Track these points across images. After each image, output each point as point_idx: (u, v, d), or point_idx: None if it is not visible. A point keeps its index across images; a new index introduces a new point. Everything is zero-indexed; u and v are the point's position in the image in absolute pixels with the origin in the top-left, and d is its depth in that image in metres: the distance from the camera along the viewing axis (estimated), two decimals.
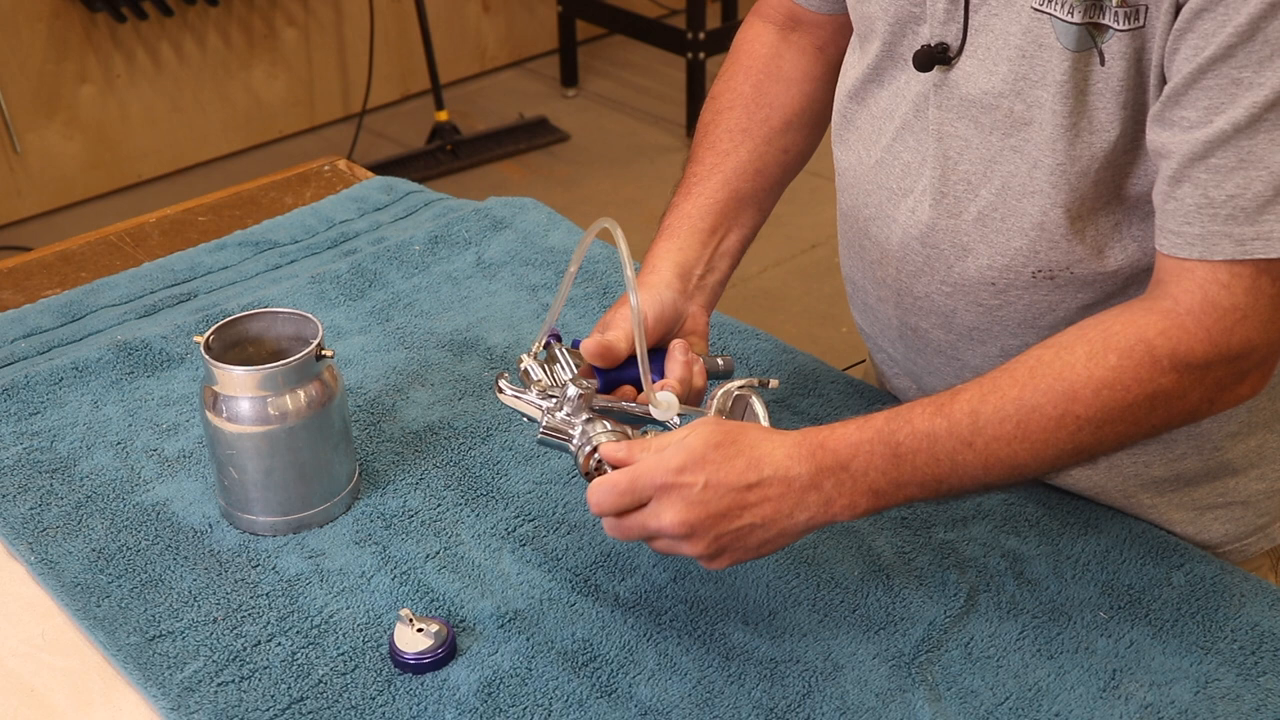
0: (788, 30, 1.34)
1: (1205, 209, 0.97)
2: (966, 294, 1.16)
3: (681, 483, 1.00)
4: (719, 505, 1.00)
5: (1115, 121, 1.04)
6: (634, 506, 1.02)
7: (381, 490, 1.24)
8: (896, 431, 1.01)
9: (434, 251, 1.59)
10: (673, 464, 1.00)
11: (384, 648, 1.08)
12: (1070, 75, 1.03)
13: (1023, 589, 1.13)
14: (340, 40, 4.02)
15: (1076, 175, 1.07)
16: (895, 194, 1.19)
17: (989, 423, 1.00)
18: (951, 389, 1.03)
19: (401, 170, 3.51)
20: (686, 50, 3.88)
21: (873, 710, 1.03)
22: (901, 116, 1.17)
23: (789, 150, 1.31)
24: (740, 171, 1.27)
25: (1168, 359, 0.99)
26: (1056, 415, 0.99)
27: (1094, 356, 1.00)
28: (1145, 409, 1.00)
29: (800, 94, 1.32)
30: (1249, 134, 0.95)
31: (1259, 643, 1.08)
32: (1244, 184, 0.96)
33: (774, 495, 1.00)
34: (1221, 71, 0.95)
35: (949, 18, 1.10)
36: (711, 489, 1.00)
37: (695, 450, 1.00)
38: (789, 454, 1.01)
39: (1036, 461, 1.01)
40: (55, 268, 1.61)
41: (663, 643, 1.09)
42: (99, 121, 3.66)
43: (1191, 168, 0.98)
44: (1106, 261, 1.10)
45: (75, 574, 1.15)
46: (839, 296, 3.02)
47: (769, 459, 1.01)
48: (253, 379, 1.13)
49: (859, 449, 1.01)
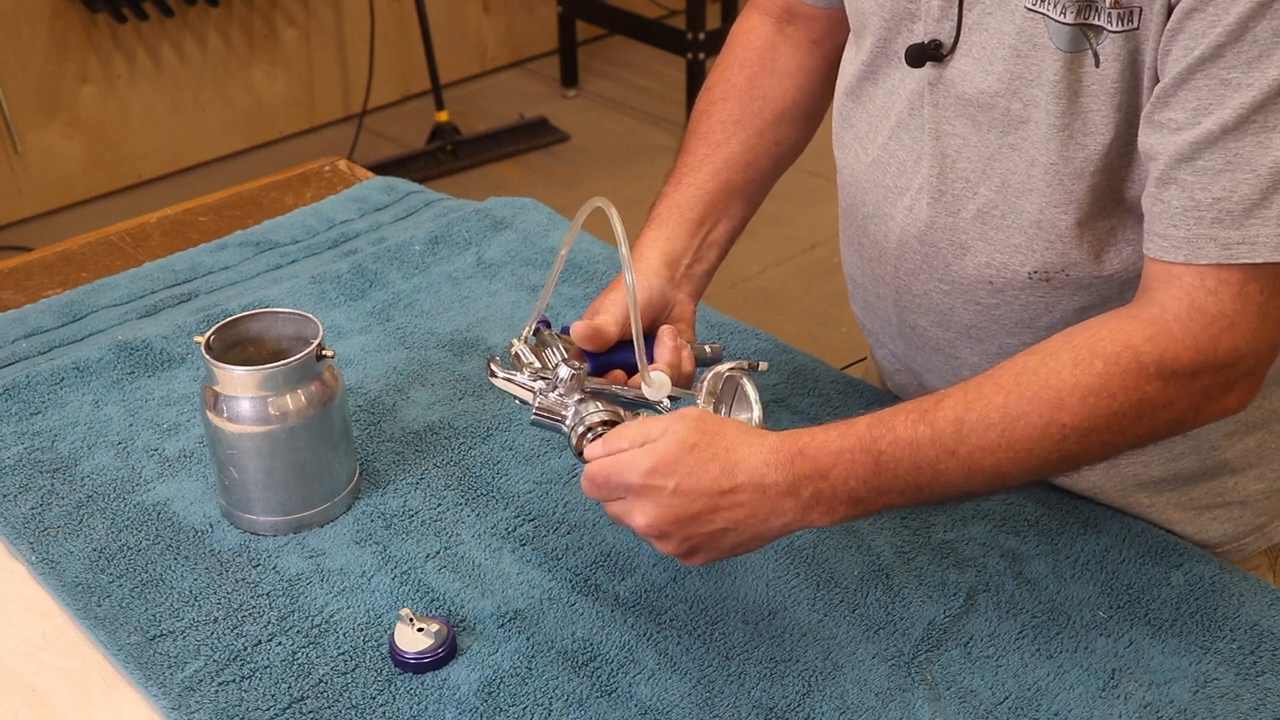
0: (784, 23, 1.34)
1: (1191, 212, 0.96)
2: (964, 292, 1.16)
3: (652, 485, 0.99)
4: (689, 510, 0.99)
5: (1109, 124, 1.03)
6: (610, 499, 1.02)
7: (382, 490, 1.24)
8: (879, 440, 0.99)
9: (434, 251, 1.59)
10: (644, 465, 0.99)
11: (384, 647, 1.08)
12: (1064, 76, 1.03)
13: (1022, 589, 1.13)
14: (340, 40, 4.03)
15: (1071, 176, 1.06)
16: (892, 192, 1.19)
17: (973, 431, 0.99)
18: (936, 394, 1.02)
19: (402, 170, 3.51)
20: (686, 51, 3.88)
21: (872, 710, 1.03)
22: (897, 114, 1.17)
23: (781, 143, 1.31)
24: (731, 163, 1.28)
25: (1154, 366, 0.97)
26: (1042, 424, 0.98)
27: (1080, 364, 0.98)
28: (1131, 417, 0.98)
29: (794, 87, 1.32)
30: (1236, 136, 0.94)
31: (1258, 642, 1.08)
32: (1230, 187, 0.95)
33: (747, 501, 0.99)
34: (1210, 72, 0.94)
35: (943, 15, 1.10)
36: (681, 494, 0.99)
37: (668, 453, 0.99)
38: (765, 460, 1.00)
39: (1021, 470, 1.00)
40: (56, 268, 1.61)
41: (663, 643, 1.09)
42: (100, 122, 3.66)
43: (1178, 170, 0.97)
44: (1103, 265, 1.10)
45: (76, 574, 1.15)
46: (839, 296, 3.02)
47: (744, 464, 1.00)
48: (253, 379, 1.13)
49: (840, 457, 0.99)
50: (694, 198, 1.26)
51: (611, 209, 1.06)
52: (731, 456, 1.00)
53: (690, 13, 3.84)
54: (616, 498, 1.02)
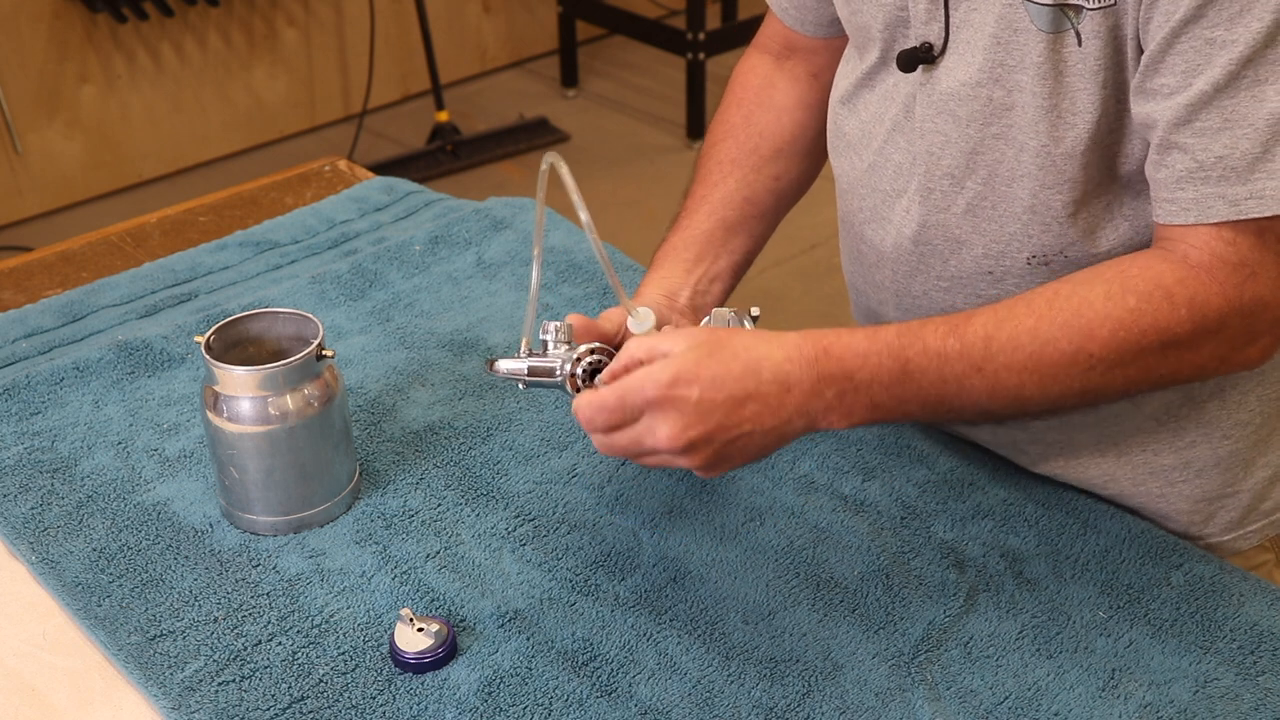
0: (783, 59, 1.35)
1: (1196, 174, 0.97)
2: (964, 286, 1.17)
3: (675, 395, 0.96)
4: (715, 414, 0.97)
5: (1096, 102, 1.04)
6: (624, 423, 0.99)
7: (382, 490, 1.24)
8: (907, 348, 0.99)
9: (434, 252, 1.59)
10: (664, 377, 0.97)
11: (384, 647, 1.08)
12: (1048, 57, 1.04)
13: (1022, 589, 1.13)
14: (341, 40, 4.03)
15: (1062, 157, 1.07)
16: (889, 195, 1.19)
17: (1001, 350, 0.99)
18: (966, 311, 1.02)
19: (402, 170, 3.51)
20: (686, 51, 3.88)
21: (873, 710, 1.03)
22: (892, 118, 1.18)
23: (780, 177, 1.32)
24: (727, 201, 1.29)
25: (1185, 306, 0.98)
26: (1071, 350, 0.98)
27: (1112, 297, 0.99)
28: (1158, 354, 0.99)
29: (792, 121, 1.32)
30: (1229, 93, 0.95)
31: (1258, 642, 1.08)
32: (1231, 144, 0.96)
33: (773, 399, 0.97)
34: (1194, 33, 0.95)
35: (930, 17, 1.10)
36: (707, 400, 0.96)
37: (688, 360, 0.97)
38: (789, 356, 0.98)
39: (1043, 395, 1.00)
40: (56, 268, 1.61)
41: (663, 643, 1.09)
42: (100, 122, 3.66)
43: (1177, 134, 0.98)
44: (1099, 243, 1.10)
45: (76, 573, 1.15)
46: (839, 296, 3.02)
47: (768, 361, 0.98)
48: (253, 379, 1.13)
49: (867, 360, 0.98)
50: (690, 239, 1.27)
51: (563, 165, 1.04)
52: (752, 354, 0.98)
53: (690, 13, 3.83)
54: (630, 421, 0.98)
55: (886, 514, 1.20)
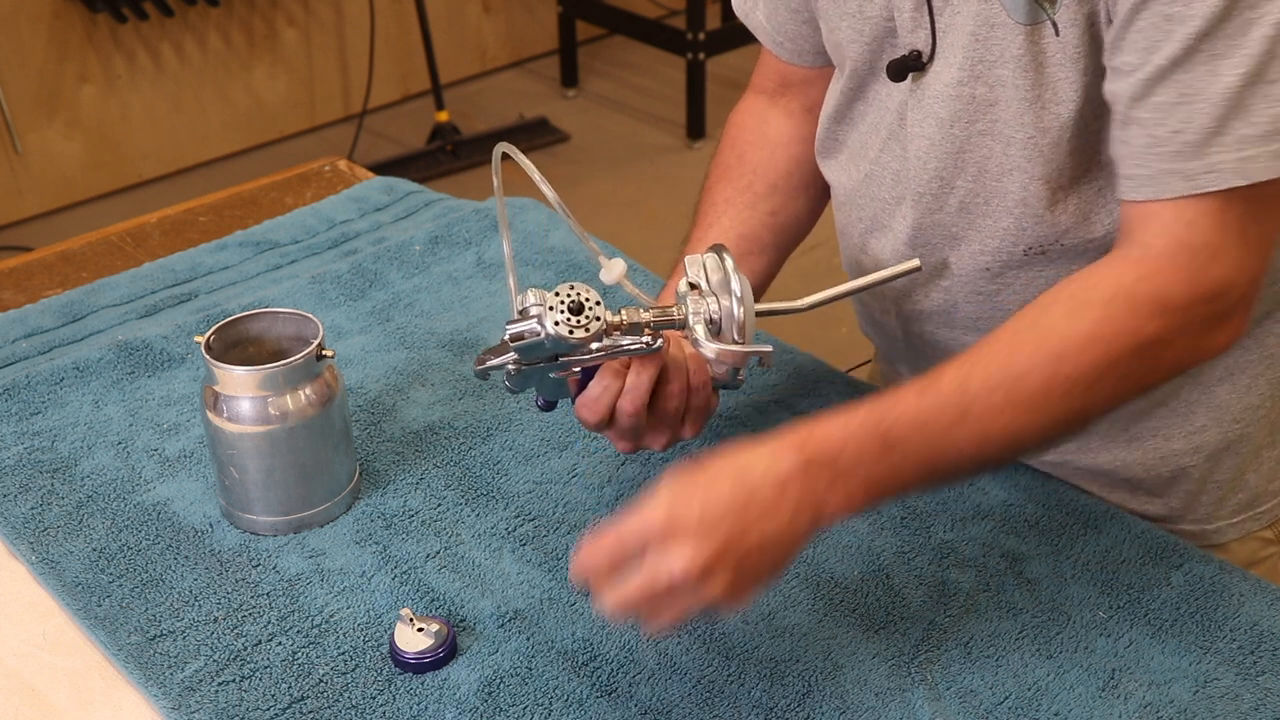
0: (777, 96, 1.34)
1: (1153, 148, 0.97)
2: (964, 285, 1.17)
3: (675, 523, 0.91)
4: (720, 530, 0.91)
5: (1077, 89, 1.04)
6: (624, 560, 0.92)
7: (382, 490, 1.24)
8: (882, 420, 0.96)
9: (434, 251, 1.59)
10: (658, 514, 0.91)
11: (384, 647, 1.08)
12: (1027, 49, 1.04)
13: (1022, 589, 1.13)
14: (341, 40, 4.03)
15: (1049, 146, 1.07)
16: (889, 203, 1.20)
17: (978, 395, 0.97)
18: (933, 370, 1.00)
19: (402, 170, 3.51)
20: (686, 51, 3.88)
21: (873, 710, 1.03)
22: (887, 127, 1.18)
23: (777, 213, 1.30)
24: (722, 239, 1.26)
25: (1148, 305, 0.97)
26: (1046, 378, 0.97)
27: (1074, 313, 0.98)
28: (1133, 360, 0.98)
29: (787, 157, 1.31)
30: (1186, 68, 0.95)
31: (1258, 642, 1.08)
32: (1186, 119, 0.95)
33: (771, 502, 0.93)
34: (1153, 9, 0.95)
35: (915, 24, 1.11)
36: (710, 516, 0.91)
37: (675, 493, 0.93)
38: (772, 452, 0.94)
39: (1032, 430, 0.99)
40: (56, 268, 1.61)
41: (663, 643, 1.09)
42: (100, 122, 3.66)
43: (1135, 109, 0.98)
44: (1094, 228, 1.10)
45: (76, 573, 1.15)
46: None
47: (755, 463, 0.94)
48: (253, 379, 1.13)
49: (846, 444, 0.95)
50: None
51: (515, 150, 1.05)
52: (737, 463, 0.94)
53: (690, 13, 3.84)
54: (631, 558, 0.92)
55: (886, 514, 1.20)
